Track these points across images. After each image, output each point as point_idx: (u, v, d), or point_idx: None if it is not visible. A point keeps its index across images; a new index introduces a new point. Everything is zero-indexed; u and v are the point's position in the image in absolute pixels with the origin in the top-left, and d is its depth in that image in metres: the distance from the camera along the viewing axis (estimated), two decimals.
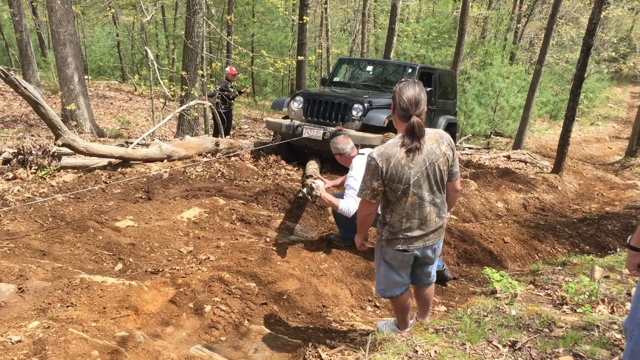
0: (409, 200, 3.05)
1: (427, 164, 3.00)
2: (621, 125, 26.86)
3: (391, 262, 3.26)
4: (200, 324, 3.43)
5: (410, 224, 3.11)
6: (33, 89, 5.94)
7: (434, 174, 3.04)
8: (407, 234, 3.12)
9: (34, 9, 20.82)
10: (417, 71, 9.33)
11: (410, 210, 3.08)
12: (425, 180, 3.03)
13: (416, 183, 3.01)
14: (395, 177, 2.97)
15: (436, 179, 3.06)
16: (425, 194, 3.06)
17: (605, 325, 3.40)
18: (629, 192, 11.55)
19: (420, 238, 3.15)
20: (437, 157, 3.03)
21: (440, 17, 22.58)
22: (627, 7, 22.61)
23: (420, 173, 3.00)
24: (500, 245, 6.14)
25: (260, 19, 22.28)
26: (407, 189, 3.01)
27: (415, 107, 2.90)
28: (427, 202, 3.08)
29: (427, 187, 3.05)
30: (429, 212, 3.10)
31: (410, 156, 2.96)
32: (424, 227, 3.13)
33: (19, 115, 12.51)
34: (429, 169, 3.01)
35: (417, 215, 3.09)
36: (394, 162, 2.95)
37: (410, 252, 3.18)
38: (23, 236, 4.46)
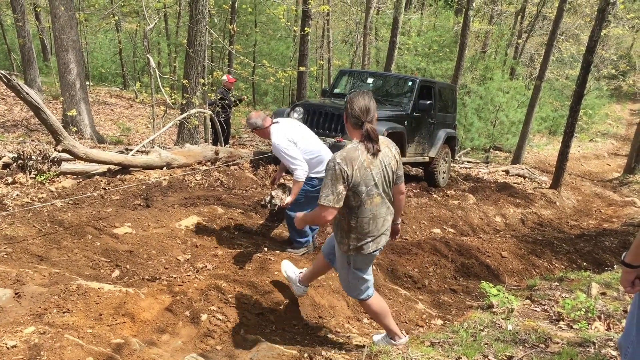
0: (373, 201, 3.19)
1: (383, 165, 3.20)
2: (620, 142, 26.92)
3: (361, 266, 3.36)
4: (196, 333, 3.43)
5: (376, 224, 3.24)
6: (35, 94, 5.96)
7: (388, 175, 3.24)
8: (374, 235, 3.26)
9: (37, 15, 20.89)
10: (417, 84, 9.36)
11: (376, 211, 3.22)
12: (383, 181, 3.22)
13: (378, 183, 3.18)
14: (360, 179, 3.10)
15: (389, 180, 3.27)
16: (383, 193, 3.24)
17: (601, 342, 3.40)
18: (626, 209, 11.57)
19: (383, 235, 3.32)
20: (390, 159, 3.26)
21: (441, 31, 22.69)
22: (627, 25, 22.75)
23: (379, 174, 3.18)
24: (498, 260, 6.14)
25: (263, 29, 22.38)
26: (370, 191, 3.15)
27: (366, 115, 3.09)
28: (386, 200, 3.27)
29: (384, 187, 3.24)
30: (387, 207, 3.29)
31: (371, 159, 3.14)
32: (385, 225, 3.31)
33: (19, 120, 12.53)
34: (385, 171, 3.22)
35: (381, 214, 3.25)
36: (358, 165, 3.09)
37: (378, 250, 3.34)
38: (21, 241, 4.45)
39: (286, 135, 4.80)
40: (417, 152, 9.58)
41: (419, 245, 5.91)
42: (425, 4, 28.35)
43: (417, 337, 3.72)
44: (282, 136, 4.79)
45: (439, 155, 10.02)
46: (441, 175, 10.31)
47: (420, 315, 4.44)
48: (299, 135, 4.89)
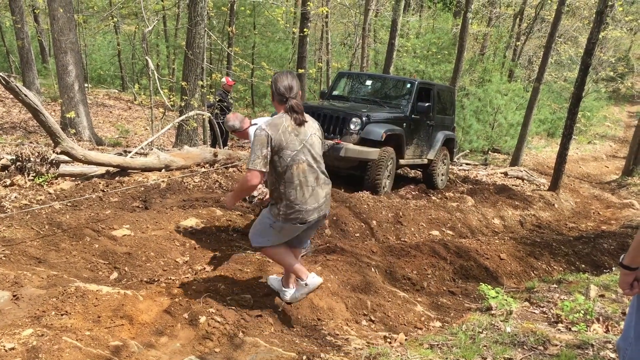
0: (300, 167, 3.41)
1: (309, 134, 3.47)
2: (618, 145, 26.96)
3: (284, 232, 3.59)
4: (194, 335, 3.42)
5: (304, 193, 3.44)
6: (33, 96, 5.96)
7: (314, 145, 3.51)
8: (304, 207, 3.45)
9: (35, 17, 20.88)
10: (415, 86, 9.38)
11: (303, 178, 3.42)
12: (311, 148, 3.47)
13: (302, 150, 3.41)
14: (284, 143, 3.34)
15: (317, 149, 3.53)
16: (312, 161, 3.47)
17: (599, 344, 3.40)
18: (625, 211, 11.58)
19: (315, 210, 3.51)
20: (315, 130, 3.56)
21: (440, 33, 22.72)
22: (625, 27, 22.79)
23: (305, 141, 3.44)
24: (497, 262, 6.14)
25: (261, 31, 22.38)
26: (296, 156, 3.39)
27: (289, 92, 3.39)
28: (315, 169, 3.49)
29: (312, 156, 3.48)
30: (316, 178, 3.50)
31: (297, 126, 3.41)
32: (316, 195, 3.50)
33: (18, 121, 12.52)
34: (311, 139, 3.49)
35: (309, 183, 3.45)
36: (282, 130, 3.34)
37: (307, 223, 3.53)
38: (19, 243, 4.45)
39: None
40: (416, 154, 9.59)
41: (417, 247, 5.90)
42: (424, 7, 28.42)
43: (415, 339, 3.72)
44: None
45: (438, 157, 10.03)
46: (440, 177, 10.32)
47: (419, 318, 4.44)
48: None
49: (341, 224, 6.65)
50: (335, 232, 6.49)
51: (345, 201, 7.25)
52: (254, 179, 3.33)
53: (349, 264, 4.93)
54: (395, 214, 7.35)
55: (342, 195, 7.48)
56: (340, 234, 6.48)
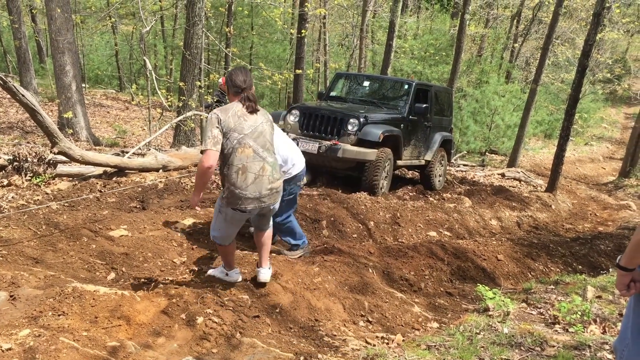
0: (245, 151, 3.58)
1: (259, 122, 3.68)
2: (615, 146, 27.02)
3: (230, 220, 3.79)
4: (192, 336, 3.42)
5: (246, 178, 3.59)
6: (30, 96, 5.96)
7: (264, 133, 3.70)
8: (245, 193, 3.60)
9: (33, 17, 20.83)
10: (413, 87, 9.38)
11: (246, 163, 3.58)
12: (259, 136, 3.65)
13: (251, 135, 3.60)
14: (232, 125, 3.55)
15: (266, 138, 3.71)
16: (259, 149, 3.64)
17: (596, 345, 3.41)
18: (622, 213, 11.61)
19: (255, 200, 3.66)
20: (266, 120, 3.78)
21: (437, 34, 22.73)
22: (622, 29, 22.84)
23: (254, 127, 3.63)
24: (494, 263, 6.15)
25: (259, 31, 22.36)
26: (242, 139, 3.57)
27: (244, 84, 3.68)
28: (261, 158, 3.64)
29: (261, 144, 3.65)
30: (262, 167, 3.64)
31: (248, 113, 3.64)
32: (259, 185, 3.63)
33: (15, 122, 12.50)
34: (261, 127, 3.68)
35: (252, 170, 3.60)
36: (232, 113, 3.58)
37: (246, 212, 3.70)
38: (16, 243, 4.44)
39: None
40: (413, 155, 9.60)
41: (415, 248, 5.91)
42: (422, 8, 28.44)
43: (413, 340, 3.73)
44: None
45: (435, 158, 10.04)
46: (437, 178, 10.33)
47: (416, 319, 4.44)
48: None
49: (339, 225, 6.65)
50: (333, 233, 6.49)
51: (342, 202, 7.26)
52: (207, 159, 3.47)
53: (346, 264, 4.94)
54: (392, 215, 7.36)
55: (339, 196, 7.49)
56: (337, 235, 6.48)
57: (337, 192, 7.70)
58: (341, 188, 8.25)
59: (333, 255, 5.17)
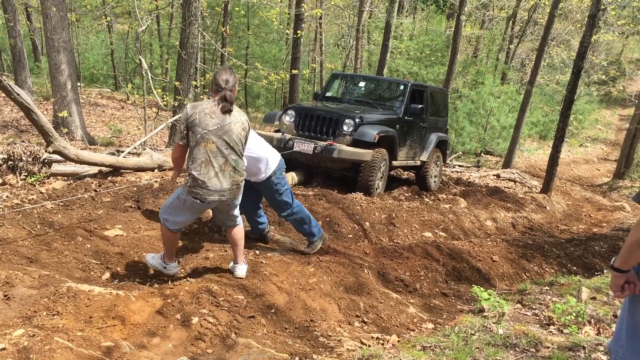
0: (208, 146, 3.77)
1: (227, 122, 3.81)
2: (609, 148, 27.12)
3: (187, 207, 3.95)
4: (187, 336, 3.41)
5: (208, 171, 3.78)
6: (25, 95, 5.93)
7: (230, 132, 3.82)
8: (206, 185, 3.79)
9: (28, 15, 20.76)
10: (408, 88, 9.39)
11: (209, 156, 3.77)
12: (224, 134, 3.80)
13: (215, 132, 3.76)
14: (197, 120, 3.75)
15: (232, 137, 3.83)
16: (222, 145, 3.80)
17: (591, 346, 3.42)
18: (616, 214, 11.65)
19: (216, 192, 3.84)
20: (237, 121, 3.88)
21: (433, 35, 22.77)
22: (617, 31, 22.93)
23: (220, 125, 3.78)
24: (489, 264, 6.16)
25: (255, 31, 22.34)
26: (205, 134, 3.75)
27: (225, 84, 3.81)
28: (224, 154, 3.81)
29: (225, 141, 3.80)
30: (224, 162, 3.82)
31: (220, 113, 3.80)
32: (221, 179, 3.82)
33: (9, 120, 12.45)
34: (228, 126, 3.81)
35: (215, 164, 3.79)
36: (199, 110, 3.78)
37: (205, 203, 3.89)
38: (10, 242, 4.42)
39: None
40: (409, 155, 9.61)
41: (410, 249, 5.92)
42: (418, 8, 28.47)
43: (408, 340, 3.73)
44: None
45: (431, 159, 10.05)
46: (432, 179, 10.35)
47: (412, 319, 4.45)
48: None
49: (334, 225, 6.65)
50: (329, 234, 6.49)
51: (338, 202, 7.26)
52: (174, 151, 4.00)
53: (342, 265, 4.94)
54: (388, 216, 7.36)
55: (335, 197, 7.49)
56: (333, 235, 6.48)
57: (332, 193, 7.70)
58: (337, 188, 8.25)
59: (329, 255, 5.18)
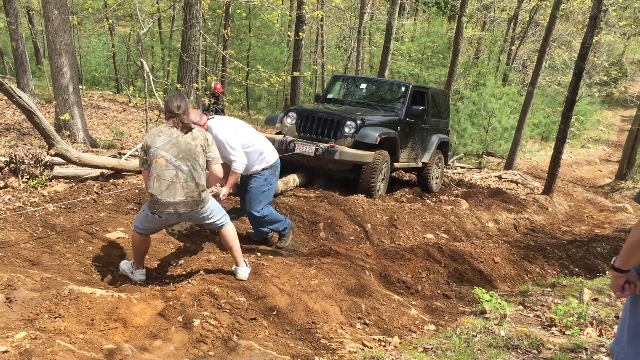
0: (157, 161, 3.89)
1: (175, 135, 3.95)
2: (611, 149, 27.09)
3: (149, 220, 4.10)
4: (188, 338, 3.42)
5: (160, 185, 3.89)
6: (27, 98, 5.94)
7: (179, 144, 3.93)
8: (160, 199, 3.90)
9: (30, 18, 20.81)
10: (410, 90, 9.39)
11: (160, 172, 3.89)
12: (172, 147, 3.91)
13: (162, 147, 3.90)
14: (149, 143, 3.93)
15: (180, 148, 3.93)
16: (172, 158, 3.90)
17: (593, 347, 3.42)
18: (618, 215, 11.64)
19: (170, 205, 3.93)
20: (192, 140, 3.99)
21: (434, 37, 22.77)
22: (619, 32, 22.91)
23: (168, 140, 3.92)
24: (491, 265, 6.16)
25: (257, 33, 22.37)
26: (155, 151, 3.90)
27: (177, 109, 3.97)
28: (174, 166, 3.90)
29: (173, 153, 3.90)
30: (175, 174, 3.90)
31: (166, 129, 3.97)
32: (172, 191, 3.90)
33: (11, 123, 12.47)
34: (176, 139, 3.93)
35: (166, 177, 3.89)
36: (151, 134, 4.00)
37: (163, 218, 4.01)
38: (12, 245, 4.43)
39: (228, 125, 4.95)
40: (410, 157, 9.60)
41: (412, 250, 5.91)
42: (419, 10, 28.48)
43: (410, 342, 3.73)
44: (223, 126, 4.92)
45: (432, 160, 10.05)
46: (434, 180, 10.34)
47: (413, 321, 4.45)
48: (239, 125, 5.10)
49: (336, 227, 6.65)
50: (330, 235, 6.49)
51: (340, 204, 7.26)
52: (144, 178, 4.10)
53: (343, 267, 4.94)
54: (389, 217, 7.36)
55: (336, 199, 7.49)
56: (335, 237, 6.48)
57: (334, 195, 7.70)
58: (338, 190, 8.25)
59: (330, 257, 5.17)
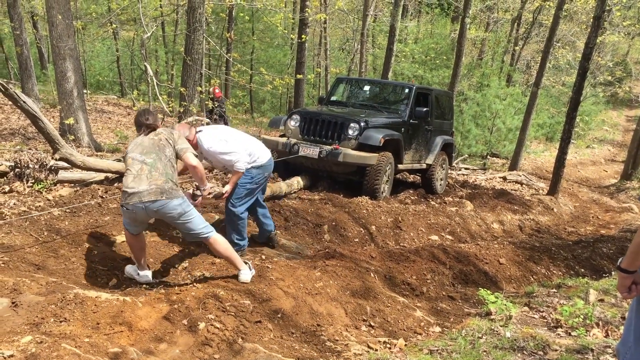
0: (127, 162, 4.17)
1: (141, 139, 4.24)
2: (617, 149, 27.00)
3: (125, 216, 4.20)
4: (193, 341, 3.41)
5: (128, 177, 4.08)
6: (32, 103, 5.96)
7: (142, 143, 4.20)
8: (127, 190, 4.03)
9: (34, 23, 20.89)
10: (413, 91, 9.39)
11: (130, 167, 4.11)
12: (137, 146, 4.18)
13: (131, 150, 4.20)
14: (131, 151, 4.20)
15: (145, 145, 4.18)
16: (137, 155, 4.13)
17: (599, 348, 3.40)
18: (624, 215, 11.59)
19: (135, 195, 4.00)
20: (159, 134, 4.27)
21: (438, 38, 22.76)
22: (623, 32, 22.85)
23: (136, 144, 4.22)
24: (496, 267, 6.14)
25: (260, 36, 22.42)
26: (125, 155, 4.24)
27: (146, 120, 4.29)
28: (140, 161, 4.11)
29: (138, 151, 4.15)
30: (140, 168, 4.08)
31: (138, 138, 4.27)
32: (137, 181, 4.03)
33: (17, 128, 12.52)
34: (140, 140, 4.23)
35: (133, 170, 4.08)
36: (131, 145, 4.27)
37: (129, 209, 4.04)
38: (18, 250, 4.44)
39: (216, 136, 4.97)
40: (415, 159, 9.60)
41: (416, 252, 5.90)
42: (422, 12, 28.48)
43: (415, 344, 3.72)
44: (212, 138, 4.95)
45: (436, 162, 10.04)
46: (439, 182, 10.33)
47: (419, 323, 4.43)
48: (226, 133, 5.11)
49: (340, 229, 6.65)
50: (335, 238, 6.49)
51: (344, 206, 7.26)
52: None
53: (348, 269, 4.93)
54: (394, 219, 7.35)
55: (341, 201, 7.48)
56: (339, 239, 6.48)
57: (338, 197, 7.70)
58: (342, 192, 8.25)
59: (335, 259, 5.17)
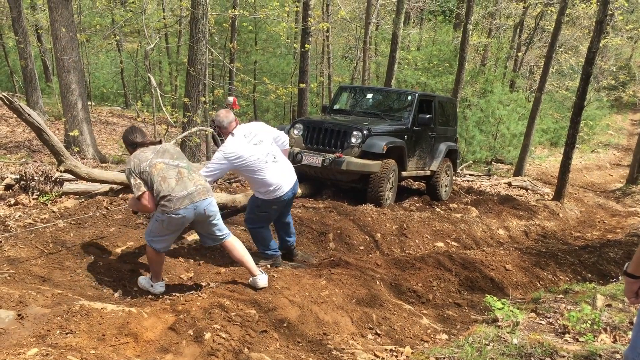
0: (157, 168, 4.03)
1: (158, 147, 4.20)
2: (622, 153, 26.90)
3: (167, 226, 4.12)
4: (199, 352, 3.41)
5: (169, 183, 4.00)
6: (36, 116, 5.99)
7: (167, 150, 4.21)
8: (174, 195, 3.97)
9: (38, 36, 21.05)
10: (416, 98, 9.40)
11: (164, 173, 4.02)
12: (164, 153, 4.15)
13: (155, 156, 4.10)
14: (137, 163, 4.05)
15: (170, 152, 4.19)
16: (168, 160, 4.11)
17: (607, 354, 3.38)
18: (630, 220, 11.53)
19: (186, 197, 4.00)
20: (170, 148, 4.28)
21: (440, 45, 22.79)
22: (626, 36, 22.84)
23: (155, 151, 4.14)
24: (502, 273, 6.12)
25: (263, 46, 22.47)
26: (150, 162, 4.05)
27: (139, 139, 4.20)
28: (174, 165, 4.11)
29: (168, 157, 4.13)
30: (178, 171, 4.08)
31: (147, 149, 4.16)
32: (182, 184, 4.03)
33: (22, 141, 12.59)
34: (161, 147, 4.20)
35: (171, 175, 4.03)
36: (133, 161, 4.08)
37: (179, 214, 4.01)
38: (23, 262, 4.45)
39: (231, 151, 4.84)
40: (418, 165, 9.59)
41: (422, 259, 5.89)
42: (424, 19, 28.54)
43: (422, 352, 3.70)
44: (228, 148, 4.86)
45: (441, 168, 10.03)
46: (443, 188, 10.31)
47: (425, 330, 4.42)
48: (247, 153, 4.86)
49: (345, 237, 6.64)
50: (340, 246, 6.48)
51: (348, 214, 7.25)
52: (144, 201, 4.06)
53: (353, 277, 4.92)
54: (399, 226, 7.34)
55: (345, 209, 7.48)
56: (344, 247, 6.47)
57: (343, 205, 7.69)
58: (347, 200, 8.24)
59: (340, 267, 5.16)
